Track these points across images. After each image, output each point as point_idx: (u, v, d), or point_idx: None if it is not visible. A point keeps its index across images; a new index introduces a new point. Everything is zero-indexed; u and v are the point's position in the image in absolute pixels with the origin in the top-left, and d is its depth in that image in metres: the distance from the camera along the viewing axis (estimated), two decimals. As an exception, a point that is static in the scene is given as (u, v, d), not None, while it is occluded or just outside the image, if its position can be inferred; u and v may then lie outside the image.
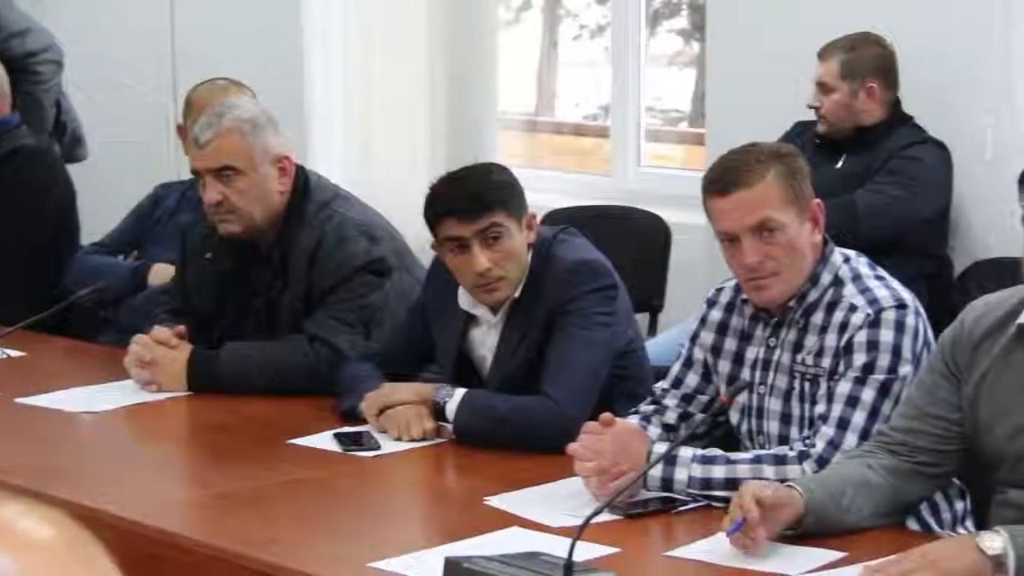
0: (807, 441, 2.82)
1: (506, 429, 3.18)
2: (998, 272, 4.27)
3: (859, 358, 2.84)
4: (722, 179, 2.90)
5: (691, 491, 2.79)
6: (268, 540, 2.70)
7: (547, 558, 2.38)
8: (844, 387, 2.83)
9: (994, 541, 2.41)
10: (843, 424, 2.81)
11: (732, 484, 2.74)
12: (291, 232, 3.71)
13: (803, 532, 2.60)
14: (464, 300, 3.33)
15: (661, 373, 3.31)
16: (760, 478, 2.75)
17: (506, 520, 2.77)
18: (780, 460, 2.79)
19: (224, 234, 3.71)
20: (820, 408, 2.85)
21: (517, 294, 3.29)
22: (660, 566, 2.60)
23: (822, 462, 2.77)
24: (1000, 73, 4.59)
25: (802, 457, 2.79)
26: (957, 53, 4.69)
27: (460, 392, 3.26)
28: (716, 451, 2.86)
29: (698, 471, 2.79)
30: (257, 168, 3.66)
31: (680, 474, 2.79)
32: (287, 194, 3.71)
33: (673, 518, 2.78)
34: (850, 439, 2.80)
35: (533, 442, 3.12)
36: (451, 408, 3.24)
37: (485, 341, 3.38)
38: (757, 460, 2.80)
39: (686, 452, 2.81)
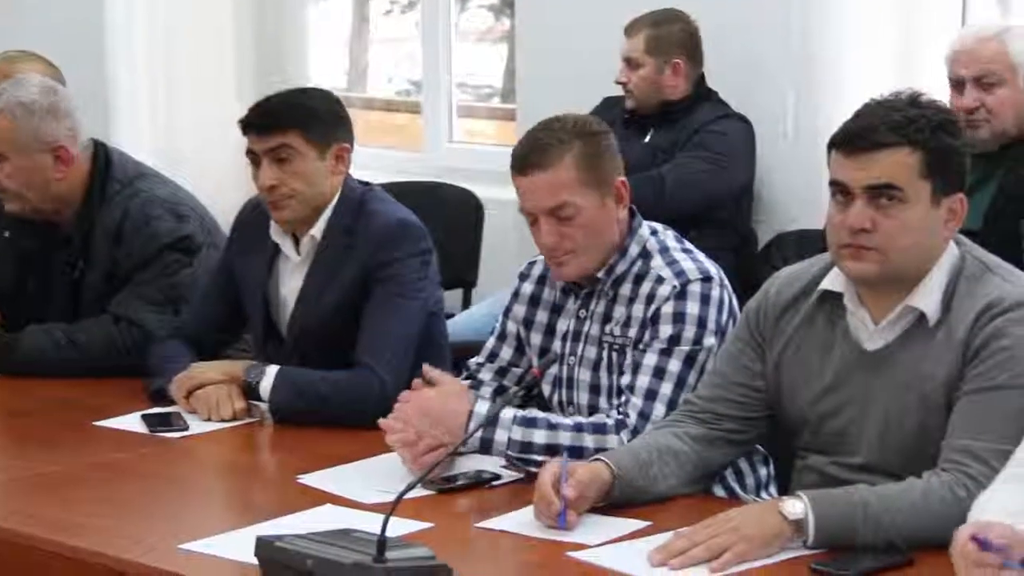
0: (620, 410, 2.86)
1: (326, 405, 3.17)
2: (801, 244, 4.38)
3: (665, 329, 2.89)
4: (523, 158, 2.93)
5: (510, 453, 2.81)
6: (74, 524, 2.65)
7: (360, 534, 2.37)
8: (651, 359, 2.88)
9: (795, 506, 2.47)
10: (651, 395, 2.86)
11: (552, 450, 2.78)
12: (92, 212, 3.65)
13: (612, 503, 2.64)
14: (274, 230, 3.36)
15: (474, 348, 3.32)
16: (580, 446, 2.79)
17: (319, 498, 2.77)
18: (600, 429, 2.83)
19: (8, 211, 3.65)
20: (627, 379, 2.89)
21: (319, 235, 3.31)
22: (471, 539, 2.61)
23: (635, 432, 2.82)
24: (800, 49, 4.70)
25: (619, 427, 2.83)
26: (758, 29, 4.78)
27: (272, 370, 3.23)
28: (537, 413, 2.89)
29: (518, 434, 2.81)
30: (24, 154, 3.59)
31: (500, 436, 2.81)
32: (80, 178, 3.63)
33: (485, 492, 2.80)
34: (659, 409, 2.85)
35: (354, 416, 3.12)
36: (265, 386, 3.22)
37: (288, 281, 3.37)
38: (579, 428, 2.84)
39: (507, 413, 2.84)
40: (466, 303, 4.93)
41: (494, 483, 2.81)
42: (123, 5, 5.78)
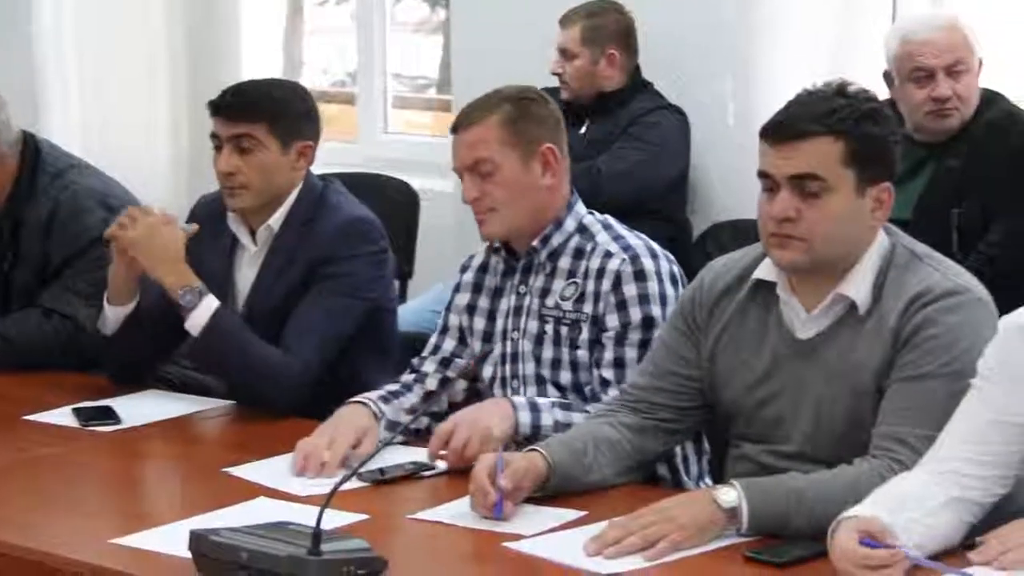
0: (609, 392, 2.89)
1: (240, 362, 3.17)
2: (736, 233, 4.40)
3: (635, 314, 2.92)
4: (456, 120, 3.02)
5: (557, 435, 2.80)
6: (3, 519, 2.62)
7: (295, 527, 2.35)
8: (632, 353, 2.92)
9: (729, 495, 2.48)
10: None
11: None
12: (21, 205, 3.61)
13: (548, 493, 2.64)
14: (231, 220, 3.35)
15: (411, 338, 3.32)
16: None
17: (253, 491, 2.75)
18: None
19: None
20: (610, 373, 2.91)
21: (276, 226, 3.31)
22: (407, 530, 2.61)
23: None
24: (738, 41, 4.72)
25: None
26: (693, 20, 4.80)
27: (213, 304, 3.20)
28: (566, 400, 2.92)
29: (560, 415, 2.85)
30: None
31: (547, 419, 2.85)
32: (9, 173, 3.60)
33: (421, 484, 2.79)
34: None
35: (257, 391, 3.16)
36: (198, 318, 3.19)
37: (245, 271, 3.36)
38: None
39: (544, 400, 2.89)
40: (402, 294, 4.91)
41: (425, 473, 2.81)
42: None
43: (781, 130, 2.56)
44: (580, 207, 3.04)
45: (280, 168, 3.28)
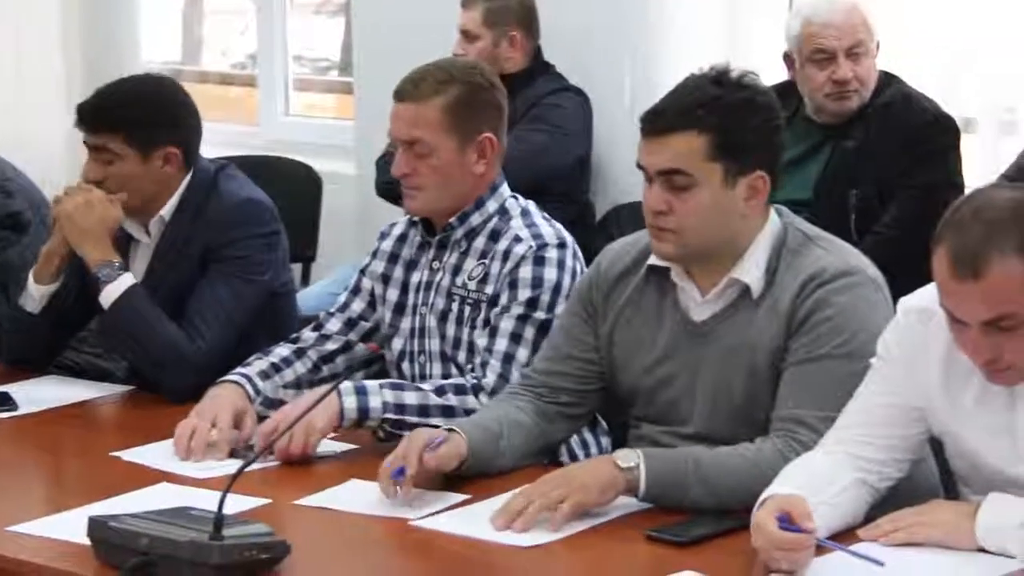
0: (475, 374, 2.88)
1: (147, 340, 3.16)
2: (638, 215, 4.40)
3: (524, 293, 2.91)
4: (403, 84, 2.98)
5: (387, 416, 2.80)
6: None
7: (196, 512, 2.34)
8: (508, 323, 2.90)
9: (628, 457, 2.51)
10: (508, 359, 2.89)
11: (424, 411, 2.81)
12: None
13: (462, 474, 2.64)
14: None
15: (313, 322, 3.29)
16: (450, 405, 2.81)
17: (154, 476, 2.73)
18: (461, 390, 2.85)
19: None
20: (484, 341, 2.91)
21: (168, 216, 3.28)
22: (308, 514, 2.59)
23: (493, 394, 2.85)
24: (636, 21, 4.74)
25: (477, 389, 2.85)
26: (596, 2, 4.81)
27: (129, 280, 3.19)
28: (398, 380, 2.90)
29: (390, 396, 2.82)
30: None
31: (375, 401, 2.81)
32: None
33: (325, 468, 2.77)
34: (515, 374, 2.88)
35: (161, 371, 3.15)
36: (112, 292, 3.17)
37: (139, 263, 3.32)
38: (441, 390, 2.85)
39: (372, 382, 2.85)
40: (305, 278, 4.88)
41: (325, 453, 2.79)
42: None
43: (649, 124, 2.57)
44: (504, 189, 3.04)
45: (143, 177, 3.23)
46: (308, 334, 3.11)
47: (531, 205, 3.06)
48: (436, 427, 2.69)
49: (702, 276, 2.66)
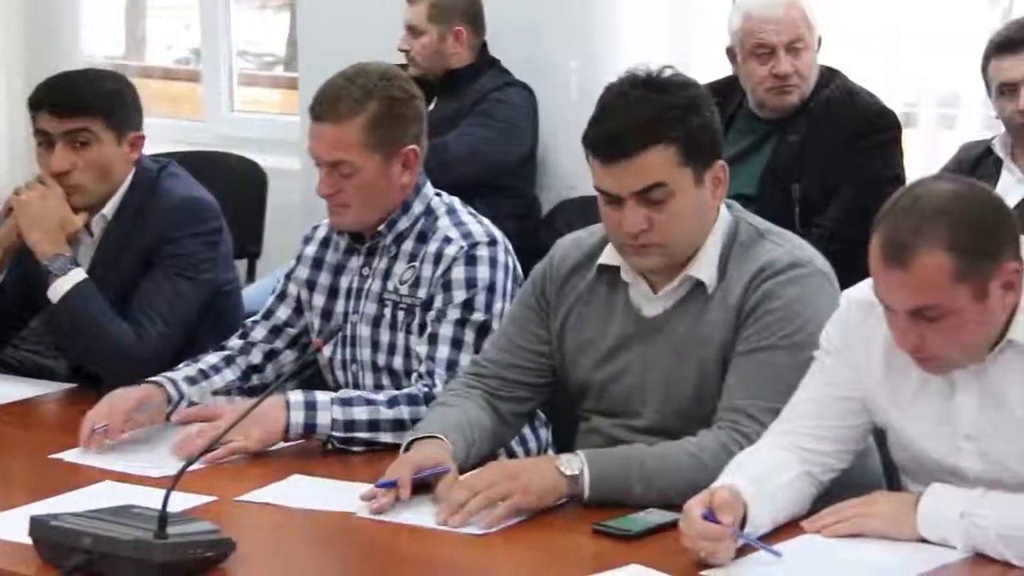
0: (426, 383, 2.87)
1: (94, 334, 3.15)
2: (585, 210, 4.42)
3: (459, 295, 2.90)
4: (318, 104, 2.94)
5: (335, 434, 2.79)
6: None
7: (140, 510, 2.33)
8: (447, 329, 2.89)
9: (571, 463, 2.51)
10: (452, 366, 2.88)
11: (374, 426, 2.79)
12: None
13: None
14: None
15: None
16: (401, 419, 2.79)
17: (98, 475, 2.71)
18: (413, 401, 2.84)
19: None
20: (425, 348, 2.90)
21: (111, 215, 3.27)
22: (253, 511, 2.58)
23: None
24: (581, 18, 4.75)
25: (428, 399, 2.83)
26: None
27: (80, 275, 3.18)
28: (350, 392, 2.88)
29: (339, 413, 2.80)
30: None
31: (323, 418, 2.79)
32: None
33: (272, 465, 2.76)
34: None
35: (107, 367, 3.13)
36: (62, 285, 3.15)
37: (82, 261, 3.29)
38: (393, 402, 2.83)
39: (323, 396, 2.82)
40: (251, 274, 4.86)
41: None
42: None
43: (610, 149, 2.53)
44: (428, 189, 3.02)
45: (116, 161, 3.25)
46: (235, 342, 3.10)
47: (456, 202, 3.04)
48: (386, 444, 2.71)
49: (655, 274, 2.66)
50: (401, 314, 2.97)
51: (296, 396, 2.80)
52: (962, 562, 2.26)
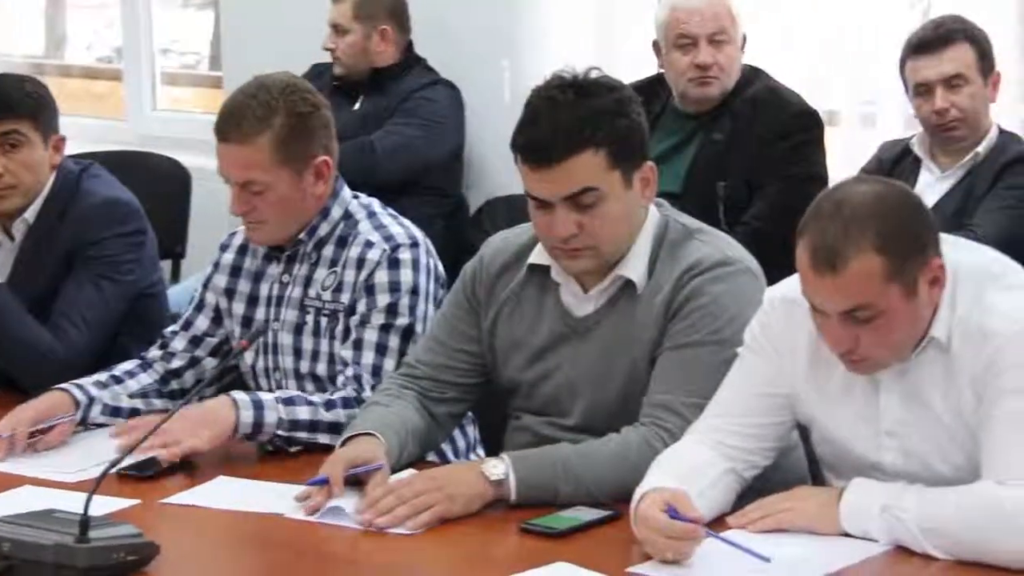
0: (355, 388, 2.85)
1: (11, 338, 3.13)
2: (511, 209, 4.44)
3: (383, 299, 2.89)
4: (223, 124, 2.90)
5: (279, 432, 2.77)
6: None
7: (62, 515, 2.30)
8: (372, 335, 2.88)
9: (497, 467, 2.51)
10: (377, 371, 2.86)
11: (315, 426, 2.78)
12: None
13: None
14: None
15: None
16: (338, 421, 2.78)
17: (16, 480, 2.68)
18: (348, 404, 2.82)
19: None
20: (350, 354, 2.88)
21: (32, 218, 3.25)
22: (177, 514, 2.57)
23: None
24: (508, 14, 4.76)
25: (357, 403, 2.82)
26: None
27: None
28: (291, 392, 2.87)
29: (284, 412, 2.79)
30: None
31: (270, 416, 2.77)
32: None
33: (192, 463, 2.74)
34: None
35: (25, 371, 3.11)
36: None
37: (3, 268, 3.27)
38: (331, 404, 2.82)
39: (267, 395, 2.81)
40: (175, 275, 4.82)
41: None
42: None
43: (539, 155, 2.53)
44: (345, 192, 2.99)
45: (43, 164, 3.25)
46: (154, 352, 3.07)
47: (375, 204, 3.02)
48: (323, 445, 2.71)
49: (585, 274, 2.67)
50: (324, 320, 2.95)
51: (242, 395, 2.79)
52: (883, 555, 2.29)
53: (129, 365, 3.03)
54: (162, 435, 2.65)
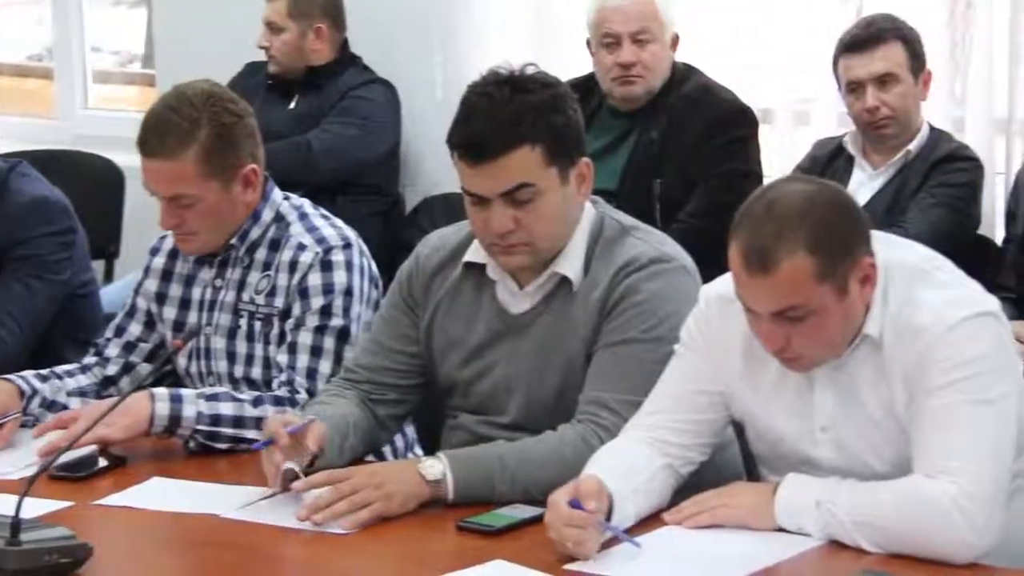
0: (289, 390, 2.84)
1: None
2: (448, 207, 4.44)
3: (316, 302, 2.88)
4: (145, 139, 2.87)
5: (200, 427, 2.75)
6: None
7: (-7, 517, 2.27)
8: (306, 337, 2.87)
9: (434, 467, 2.51)
10: (312, 375, 2.85)
11: (239, 423, 2.77)
12: None
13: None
14: None
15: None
16: (265, 417, 2.73)
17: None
18: (279, 402, 2.81)
19: None
20: (285, 357, 2.87)
21: None
22: (112, 515, 2.54)
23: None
24: (443, 12, 4.76)
25: (292, 404, 2.81)
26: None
27: None
28: (217, 388, 2.85)
29: (205, 407, 2.76)
30: None
31: (189, 411, 2.75)
32: None
33: (128, 469, 2.72)
34: (321, 387, 2.83)
35: None
36: None
37: None
38: (259, 401, 2.80)
39: (189, 391, 2.79)
40: (108, 274, 4.78)
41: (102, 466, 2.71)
42: None
43: (475, 151, 2.53)
44: (276, 194, 2.98)
45: None
46: (89, 359, 3.04)
47: (307, 204, 3.01)
48: (250, 440, 2.68)
49: (521, 271, 2.67)
50: (258, 324, 2.93)
51: (160, 390, 2.77)
52: (818, 549, 2.30)
53: (69, 367, 3.00)
54: (76, 424, 2.62)
